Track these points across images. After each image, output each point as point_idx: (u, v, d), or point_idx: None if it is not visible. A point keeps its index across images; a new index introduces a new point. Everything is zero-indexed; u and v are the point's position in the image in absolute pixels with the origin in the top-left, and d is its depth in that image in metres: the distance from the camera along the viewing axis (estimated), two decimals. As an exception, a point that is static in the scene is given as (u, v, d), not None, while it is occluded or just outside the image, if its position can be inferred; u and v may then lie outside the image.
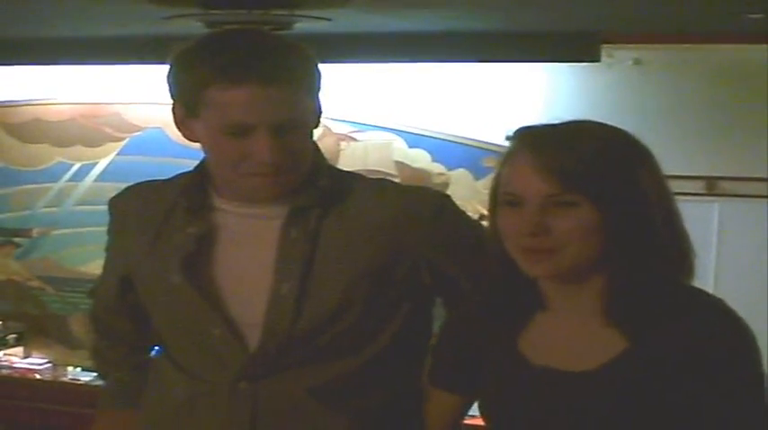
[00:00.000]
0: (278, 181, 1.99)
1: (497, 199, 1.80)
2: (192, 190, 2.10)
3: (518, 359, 1.82)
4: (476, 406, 1.95)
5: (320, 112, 2.07)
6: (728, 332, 1.73)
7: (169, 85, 2.04)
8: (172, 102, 2.05)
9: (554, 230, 1.70)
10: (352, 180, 2.15)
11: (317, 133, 2.10)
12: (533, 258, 1.74)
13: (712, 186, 4.52)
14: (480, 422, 1.91)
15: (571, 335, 1.80)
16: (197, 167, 2.14)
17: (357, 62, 4.54)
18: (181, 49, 2.02)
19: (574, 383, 1.76)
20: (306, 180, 2.04)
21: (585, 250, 1.71)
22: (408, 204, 2.08)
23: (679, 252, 1.77)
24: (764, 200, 4.45)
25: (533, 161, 1.71)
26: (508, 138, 1.81)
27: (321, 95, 2.05)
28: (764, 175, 4.44)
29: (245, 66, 1.91)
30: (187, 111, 2.00)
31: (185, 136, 2.07)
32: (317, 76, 2.03)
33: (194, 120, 2.00)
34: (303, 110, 1.98)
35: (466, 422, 2.07)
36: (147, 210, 2.16)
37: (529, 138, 1.77)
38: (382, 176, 4.06)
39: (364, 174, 2.28)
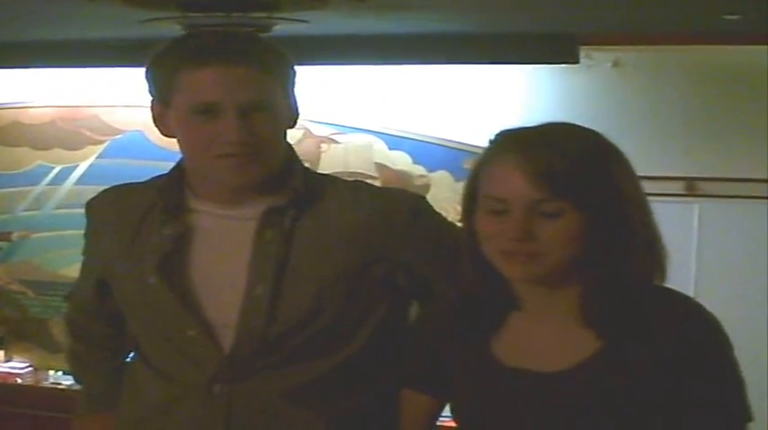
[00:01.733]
0: (245, 165, 2.01)
1: (476, 201, 1.79)
2: (168, 191, 2.11)
3: (490, 361, 1.83)
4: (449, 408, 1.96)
5: (296, 113, 2.09)
6: (700, 326, 1.75)
7: (147, 85, 2.09)
8: (151, 101, 2.09)
9: (540, 236, 1.70)
10: (327, 182, 2.16)
11: (297, 135, 2.11)
12: (514, 261, 1.73)
13: (692, 187, 4.53)
14: (454, 424, 1.91)
15: (544, 337, 1.80)
16: (173, 169, 2.15)
17: (336, 64, 4.54)
18: (157, 49, 2.08)
19: (547, 384, 1.76)
20: (280, 181, 2.05)
21: (567, 255, 1.71)
22: (383, 206, 2.09)
23: (655, 253, 1.78)
24: (744, 200, 4.46)
25: (522, 165, 1.70)
26: (490, 141, 1.81)
27: (297, 95, 2.08)
28: (744, 176, 4.46)
29: (211, 49, 1.99)
30: (161, 103, 2.05)
31: (162, 132, 2.10)
32: (287, 69, 2.06)
33: (168, 112, 2.05)
34: (268, 93, 2.02)
35: (439, 424, 2.07)
36: (123, 213, 2.16)
37: (514, 141, 1.76)
38: (363, 178, 4.08)
39: (345, 176, 2.29)
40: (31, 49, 4.84)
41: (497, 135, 1.81)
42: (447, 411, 1.99)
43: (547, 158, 1.69)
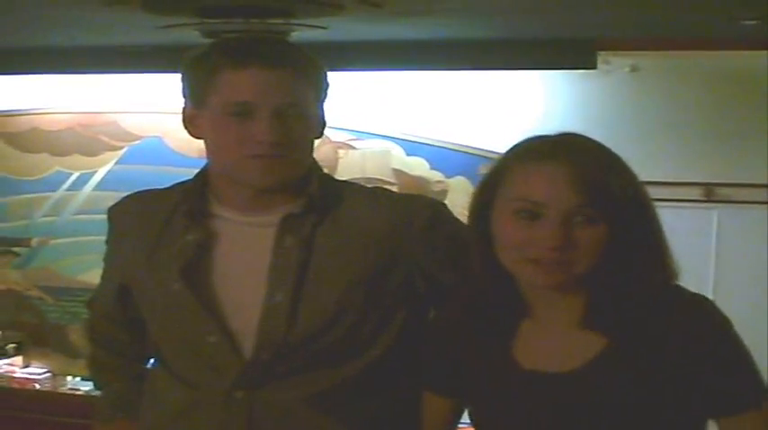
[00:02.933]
0: (273, 166, 2.02)
1: (492, 206, 1.79)
2: (191, 197, 2.12)
3: (510, 364, 1.83)
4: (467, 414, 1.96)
5: (324, 123, 2.11)
6: (706, 319, 1.76)
7: (182, 87, 2.13)
8: (184, 103, 2.13)
9: (574, 243, 1.70)
10: (346, 188, 2.17)
11: (315, 141, 2.12)
12: (543, 269, 1.72)
13: (710, 193, 4.51)
14: (472, 430, 1.92)
15: (555, 340, 1.82)
16: (198, 175, 2.16)
17: (354, 70, 4.54)
18: (194, 53, 2.12)
19: (559, 384, 1.78)
20: (299, 188, 2.06)
21: (594, 263, 1.72)
22: (402, 212, 2.10)
23: (667, 257, 1.79)
24: (763, 206, 4.45)
25: (564, 170, 1.70)
26: (515, 147, 1.82)
27: (325, 106, 2.10)
28: (763, 181, 4.44)
29: (251, 51, 2.03)
30: (196, 105, 2.08)
31: (192, 133, 2.13)
32: (322, 77, 2.10)
33: (201, 112, 2.07)
34: (302, 97, 2.05)
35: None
36: (145, 219, 2.17)
37: (550, 146, 1.76)
38: (380, 184, 4.08)
39: (363, 182, 2.30)
40: (49, 54, 4.85)
41: (522, 141, 1.81)
42: (465, 417, 2.00)
43: (589, 165, 1.70)
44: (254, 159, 2.01)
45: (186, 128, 2.13)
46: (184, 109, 2.12)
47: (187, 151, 4.57)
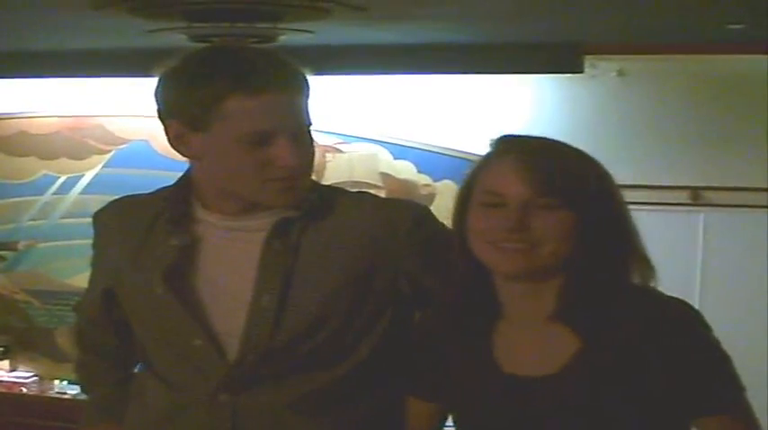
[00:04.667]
0: (295, 186, 2.02)
1: (470, 199, 1.85)
2: (175, 202, 2.11)
3: (491, 367, 1.85)
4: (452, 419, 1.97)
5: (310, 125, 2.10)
6: (684, 321, 1.78)
7: (165, 103, 2.03)
8: (166, 119, 2.03)
9: (533, 228, 1.75)
10: (333, 193, 2.16)
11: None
12: (506, 253, 1.78)
13: (697, 196, 4.53)
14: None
15: (530, 341, 1.83)
16: (180, 179, 2.14)
17: (341, 74, 4.55)
18: (177, 66, 2.02)
19: (537, 389, 1.79)
20: None
21: (560, 251, 1.76)
22: (387, 216, 2.10)
23: (637, 254, 1.82)
24: (749, 209, 4.46)
25: (520, 163, 1.78)
26: (492, 143, 1.87)
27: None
28: (749, 185, 4.46)
29: (262, 76, 1.95)
30: (189, 126, 1.99)
31: (183, 152, 2.04)
32: (309, 88, 2.07)
33: (198, 135, 1.99)
34: (308, 115, 2.03)
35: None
36: (129, 224, 2.17)
37: (512, 143, 1.84)
38: (368, 188, 4.08)
39: (350, 185, 2.31)
40: (36, 58, 4.86)
41: (498, 138, 1.87)
42: (450, 422, 2.01)
43: (543, 160, 1.78)
44: (278, 183, 1.99)
45: (175, 146, 2.04)
46: (170, 127, 2.03)
47: (174, 155, 4.57)
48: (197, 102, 1.96)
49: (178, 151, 2.05)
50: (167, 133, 2.03)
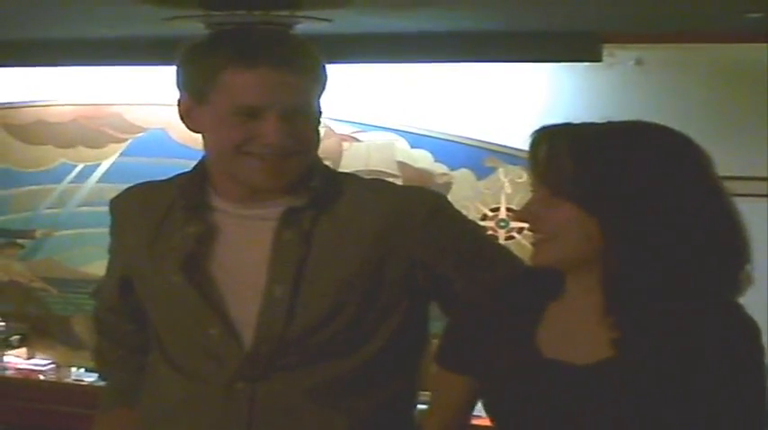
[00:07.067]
0: (281, 166, 2.01)
1: None
2: (190, 189, 2.11)
3: (532, 351, 1.83)
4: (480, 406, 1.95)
5: (320, 114, 2.09)
6: (730, 328, 1.75)
7: (178, 78, 2.08)
8: (179, 94, 2.08)
9: (545, 221, 1.78)
10: (347, 180, 2.16)
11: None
12: (534, 247, 1.82)
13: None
14: (487, 422, 1.91)
15: (578, 328, 1.82)
16: (196, 167, 2.15)
17: (358, 62, 4.53)
18: (191, 43, 2.07)
19: (575, 377, 1.78)
20: (301, 181, 2.05)
21: (577, 244, 1.76)
22: (402, 205, 2.09)
23: (697, 260, 1.76)
24: (767, 199, 4.44)
25: (531, 162, 1.81)
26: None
27: (322, 98, 2.08)
28: (767, 175, 4.44)
29: (259, 50, 1.97)
30: (195, 99, 2.04)
31: (190, 127, 2.09)
32: (323, 72, 2.06)
33: (202, 108, 2.03)
34: (309, 97, 2.03)
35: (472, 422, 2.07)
36: (145, 211, 2.17)
37: (534, 136, 1.83)
38: (385, 176, 4.07)
39: (366, 174, 2.30)
40: (53, 46, 4.85)
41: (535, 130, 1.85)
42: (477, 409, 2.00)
43: (553, 152, 1.77)
44: (258, 159, 1.99)
45: (183, 121, 2.10)
46: (180, 101, 2.08)
47: (191, 143, 4.56)
48: (200, 74, 2.01)
49: (186, 125, 2.10)
50: (178, 107, 2.07)
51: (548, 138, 1.79)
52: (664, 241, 1.72)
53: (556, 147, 1.77)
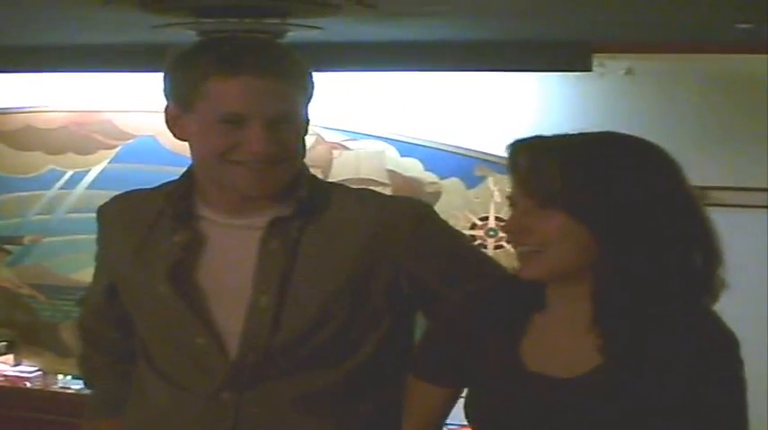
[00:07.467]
0: (266, 174, 2.00)
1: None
2: (177, 198, 2.11)
3: (516, 362, 1.83)
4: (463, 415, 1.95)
5: (308, 122, 2.08)
6: (712, 347, 1.74)
7: (164, 86, 2.08)
8: (166, 103, 2.08)
9: (534, 232, 1.75)
10: (334, 190, 2.15)
11: (309, 141, 2.11)
12: (520, 260, 1.79)
13: (705, 197, 4.50)
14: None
15: (563, 341, 1.81)
16: (183, 175, 2.15)
17: (349, 71, 4.54)
18: (178, 51, 2.07)
19: (559, 390, 1.77)
20: (288, 191, 2.05)
21: (566, 255, 1.74)
22: (389, 215, 2.08)
23: (682, 269, 1.76)
24: (760, 210, 4.44)
25: (510, 166, 1.79)
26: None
27: (311, 105, 2.08)
28: (759, 185, 4.44)
29: (243, 58, 1.96)
30: (181, 107, 2.03)
31: (176, 135, 2.09)
32: (309, 80, 2.05)
33: (188, 116, 2.02)
34: (294, 105, 2.01)
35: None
36: (132, 219, 2.16)
37: (514, 146, 1.81)
38: (374, 185, 4.07)
39: (356, 182, 2.30)
40: (44, 53, 4.85)
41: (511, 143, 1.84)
42: (451, 418, 2.00)
43: (526, 158, 1.77)
44: (242, 166, 1.98)
45: (170, 128, 2.09)
46: (167, 109, 2.08)
47: (181, 150, 4.55)
48: (186, 82, 2.00)
49: (172, 133, 2.10)
50: (165, 115, 2.07)
51: (527, 150, 1.78)
52: (653, 246, 1.73)
53: (538, 158, 1.76)
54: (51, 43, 4.72)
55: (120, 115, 5.18)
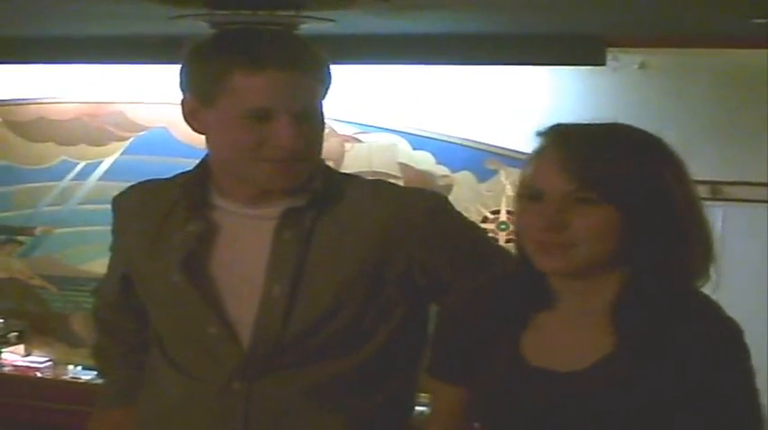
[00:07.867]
0: (292, 170, 2.00)
1: (520, 193, 1.80)
2: (192, 188, 2.11)
3: (518, 359, 1.82)
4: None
5: (323, 116, 2.08)
6: (719, 337, 1.73)
7: (182, 79, 2.06)
8: (182, 95, 2.07)
9: (570, 226, 1.70)
10: (348, 181, 2.15)
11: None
12: (546, 253, 1.74)
13: (716, 191, 4.49)
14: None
15: (570, 336, 1.80)
16: (198, 166, 2.14)
17: (361, 63, 4.54)
18: (197, 43, 2.05)
19: (562, 384, 1.76)
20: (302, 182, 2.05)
21: (599, 249, 1.71)
22: (402, 206, 2.08)
23: (701, 258, 1.77)
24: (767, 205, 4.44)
25: (557, 157, 1.72)
26: (539, 134, 1.80)
27: (325, 99, 2.07)
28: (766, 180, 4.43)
29: (267, 52, 1.95)
30: (201, 101, 2.02)
31: (194, 128, 2.07)
32: (328, 73, 2.05)
33: (208, 110, 2.01)
34: (317, 100, 2.02)
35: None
36: (147, 209, 2.17)
37: (556, 135, 1.77)
38: (386, 178, 4.07)
39: (369, 175, 2.29)
40: (57, 44, 4.85)
41: (546, 128, 1.80)
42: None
43: (582, 154, 1.71)
44: (269, 162, 1.98)
45: (187, 121, 2.07)
46: (185, 101, 2.06)
47: (193, 142, 4.56)
48: (207, 76, 1.99)
49: (190, 126, 2.08)
50: (182, 108, 2.06)
51: (582, 138, 1.75)
52: (677, 238, 1.73)
53: (601, 147, 1.72)
54: (64, 34, 4.73)
55: (133, 107, 5.19)
